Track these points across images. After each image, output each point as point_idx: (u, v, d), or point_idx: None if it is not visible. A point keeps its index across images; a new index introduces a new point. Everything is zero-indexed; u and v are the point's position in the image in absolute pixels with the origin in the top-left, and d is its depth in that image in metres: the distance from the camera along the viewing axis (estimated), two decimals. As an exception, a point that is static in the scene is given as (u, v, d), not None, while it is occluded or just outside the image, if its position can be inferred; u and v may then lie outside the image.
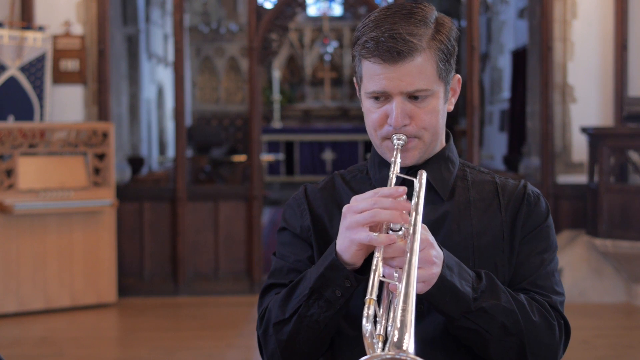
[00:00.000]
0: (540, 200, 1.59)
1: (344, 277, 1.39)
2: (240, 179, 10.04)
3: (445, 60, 1.49)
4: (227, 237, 6.83)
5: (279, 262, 1.60)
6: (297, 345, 1.47)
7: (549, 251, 1.57)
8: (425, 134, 1.51)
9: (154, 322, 6.05)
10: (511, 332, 1.44)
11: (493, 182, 1.60)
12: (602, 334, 5.63)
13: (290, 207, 1.66)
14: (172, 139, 8.63)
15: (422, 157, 1.55)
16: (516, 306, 1.45)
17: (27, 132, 6.18)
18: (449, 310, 1.41)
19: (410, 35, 1.44)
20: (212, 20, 15.52)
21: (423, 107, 1.49)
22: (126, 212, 6.71)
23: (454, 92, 1.57)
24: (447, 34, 1.50)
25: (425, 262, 1.34)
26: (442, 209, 1.55)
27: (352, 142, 13.86)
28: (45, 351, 5.27)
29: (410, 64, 1.45)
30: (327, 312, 1.42)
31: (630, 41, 6.75)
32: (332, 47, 15.92)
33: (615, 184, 6.38)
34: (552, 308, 1.52)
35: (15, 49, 6.31)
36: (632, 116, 6.73)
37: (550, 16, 6.80)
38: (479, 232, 1.54)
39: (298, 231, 1.61)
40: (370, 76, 1.48)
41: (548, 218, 1.58)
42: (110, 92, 6.85)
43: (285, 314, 1.48)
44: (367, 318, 1.23)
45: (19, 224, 6.09)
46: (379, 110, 1.50)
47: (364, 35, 1.47)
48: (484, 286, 1.43)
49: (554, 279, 1.56)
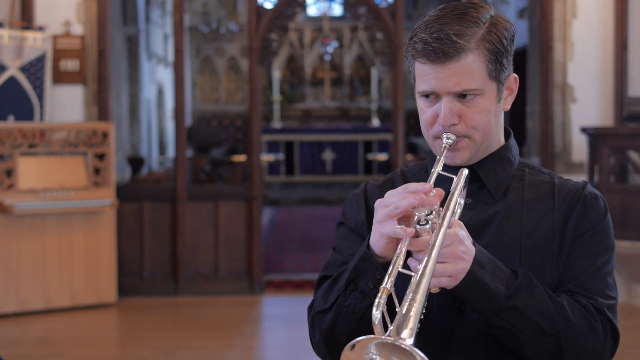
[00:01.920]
0: (597, 201, 1.56)
1: (375, 269, 1.42)
2: (240, 179, 10.04)
3: (496, 61, 1.49)
4: (227, 237, 6.83)
5: (334, 255, 1.63)
6: (336, 335, 1.50)
7: (602, 253, 1.53)
8: (475, 133, 1.52)
9: (154, 322, 6.05)
10: (547, 333, 1.43)
11: (551, 183, 1.59)
12: (602, 334, 5.63)
13: (349, 203, 1.69)
14: (172, 139, 8.64)
15: (475, 156, 1.55)
16: (553, 307, 1.44)
17: (27, 132, 6.18)
18: (480, 307, 1.41)
19: (457, 35, 1.45)
20: (212, 20, 15.52)
21: (472, 107, 1.49)
22: (126, 212, 6.71)
23: (510, 91, 1.57)
24: (499, 33, 1.50)
25: (451, 257, 1.35)
26: (493, 209, 1.55)
27: (352, 142, 13.86)
28: (45, 351, 5.27)
29: (457, 64, 1.46)
30: (362, 302, 1.44)
31: (630, 41, 6.76)
32: (332, 47, 15.91)
33: (615, 184, 6.39)
34: (597, 311, 1.48)
35: (15, 49, 6.31)
36: (632, 116, 6.73)
37: (550, 16, 6.80)
38: (528, 233, 1.53)
39: (354, 226, 1.64)
40: (420, 76, 1.51)
41: (604, 219, 1.55)
42: (110, 92, 6.85)
43: (327, 304, 1.52)
44: (377, 306, 1.26)
45: (19, 224, 6.09)
46: (430, 110, 1.52)
47: (415, 36, 1.50)
48: (519, 285, 1.42)
49: (605, 282, 1.52)
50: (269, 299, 6.75)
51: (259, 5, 7.04)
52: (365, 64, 15.95)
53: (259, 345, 5.79)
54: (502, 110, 1.57)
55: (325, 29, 15.79)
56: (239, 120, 15.42)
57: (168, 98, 12.74)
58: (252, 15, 6.88)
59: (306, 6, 10.49)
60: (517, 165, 1.62)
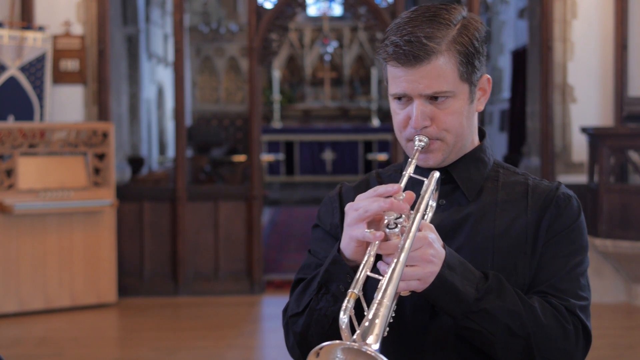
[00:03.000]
0: (571, 201, 1.56)
1: (346, 272, 1.42)
2: (240, 179, 10.04)
3: (467, 62, 1.49)
4: (227, 237, 6.83)
5: (309, 258, 1.63)
6: (309, 338, 1.50)
7: (575, 254, 1.54)
8: (448, 135, 1.51)
9: (154, 322, 6.05)
10: (517, 335, 1.43)
11: (525, 184, 1.59)
12: (602, 334, 5.63)
13: (324, 205, 1.69)
14: (172, 139, 8.64)
15: (448, 158, 1.55)
16: (524, 309, 1.43)
17: (27, 132, 6.18)
18: (450, 310, 1.41)
19: (428, 38, 1.45)
20: (212, 20, 15.52)
21: (444, 109, 1.49)
22: (126, 212, 6.71)
23: (483, 92, 1.57)
24: (471, 35, 1.50)
25: (421, 260, 1.35)
26: (466, 210, 1.55)
27: (352, 142, 13.86)
28: (45, 351, 5.27)
29: (428, 67, 1.46)
30: (334, 306, 1.44)
31: (630, 41, 6.75)
32: (332, 47, 15.92)
33: (615, 184, 6.38)
34: (569, 312, 1.48)
35: (15, 49, 6.31)
36: (632, 116, 6.73)
37: (550, 16, 6.80)
38: (501, 234, 1.53)
39: (328, 228, 1.64)
40: (392, 78, 1.51)
41: (578, 220, 1.55)
42: (110, 92, 6.85)
43: (299, 307, 1.52)
44: (344, 311, 1.25)
45: (19, 224, 6.09)
46: (402, 112, 1.52)
47: (387, 38, 1.50)
48: (489, 287, 1.42)
49: (577, 283, 1.53)
50: (269, 299, 6.75)
51: (259, 5, 7.04)
52: (365, 64, 15.95)
53: (259, 345, 5.79)
54: (475, 112, 1.57)
55: (325, 29, 15.79)
56: (239, 120, 15.42)
57: (168, 98, 12.74)
58: (252, 15, 6.88)
59: (306, 6, 10.49)
60: (491, 166, 1.61)
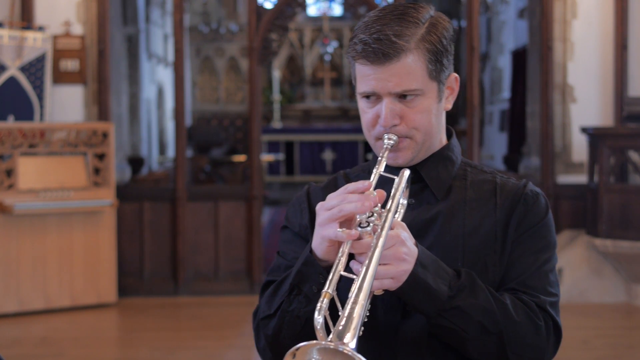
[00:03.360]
0: (538, 199, 1.57)
1: (318, 273, 1.41)
2: (240, 179, 10.04)
3: (436, 61, 1.49)
4: (227, 237, 6.83)
5: (278, 260, 1.62)
6: (281, 340, 1.49)
7: (544, 251, 1.54)
8: (417, 133, 1.52)
9: (154, 322, 6.05)
10: (490, 332, 1.43)
11: (493, 182, 1.59)
12: (602, 334, 5.63)
13: (292, 206, 1.68)
14: (172, 139, 8.64)
15: (417, 156, 1.55)
16: (496, 306, 1.44)
17: (27, 132, 6.18)
18: (424, 308, 1.41)
19: (397, 36, 1.45)
20: (212, 20, 15.52)
21: (413, 107, 1.49)
22: (126, 212, 6.71)
23: (451, 90, 1.57)
24: (439, 34, 1.50)
25: (394, 258, 1.35)
26: (435, 209, 1.55)
27: (352, 142, 13.86)
28: (45, 351, 5.27)
29: (397, 65, 1.46)
30: (307, 307, 1.43)
31: (630, 41, 6.75)
32: (332, 47, 15.92)
33: (615, 184, 6.38)
34: (539, 308, 1.49)
35: (15, 49, 6.31)
36: (632, 116, 6.73)
37: (550, 16, 6.80)
38: (471, 232, 1.53)
39: (297, 229, 1.63)
40: (361, 77, 1.51)
41: (546, 217, 1.56)
42: (110, 92, 6.85)
43: (271, 309, 1.51)
44: (319, 311, 1.24)
45: (19, 224, 6.09)
46: (371, 111, 1.52)
47: (355, 37, 1.50)
48: (461, 285, 1.43)
49: (547, 279, 1.53)
50: (269, 299, 6.74)
51: (259, 5, 7.04)
52: (365, 64, 15.93)
53: (259, 345, 5.78)
54: (443, 110, 1.57)
55: (325, 29, 15.79)
56: (239, 120, 15.41)
57: (168, 98, 12.74)
58: (252, 15, 6.88)
59: (306, 6, 10.49)
60: (459, 165, 1.62)
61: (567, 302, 6.29)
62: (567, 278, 6.39)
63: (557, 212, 6.79)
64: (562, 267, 6.39)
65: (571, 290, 6.35)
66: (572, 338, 5.39)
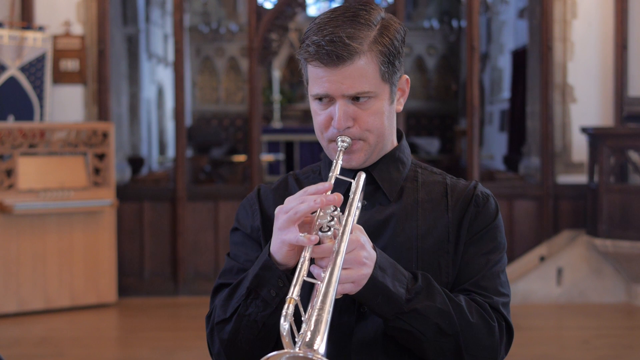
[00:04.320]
0: (489, 201, 1.58)
1: (277, 277, 1.40)
2: (240, 179, 10.04)
3: (388, 63, 1.49)
4: (227, 237, 6.82)
5: (230, 262, 1.61)
6: (238, 344, 1.48)
7: (495, 252, 1.56)
8: (370, 135, 1.52)
9: (154, 322, 6.05)
10: (446, 333, 1.44)
11: (443, 183, 1.61)
12: (602, 334, 5.63)
13: (242, 207, 1.66)
14: (172, 139, 8.64)
15: (369, 158, 1.55)
16: (452, 307, 1.45)
17: (27, 132, 6.18)
18: (382, 311, 1.41)
19: (350, 38, 1.45)
20: (212, 20, 15.52)
21: (366, 109, 1.49)
22: (126, 212, 6.71)
23: (402, 92, 1.58)
24: (391, 36, 1.50)
25: (354, 262, 1.34)
26: (388, 211, 1.56)
27: (352, 142, 13.84)
28: (45, 351, 5.27)
29: (350, 67, 1.45)
30: (264, 311, 1.43)
31: (630, 41, 6.76)
32: (332, 47, 15.92)
33: (615, 184, 6.39)
34: (492, 309, 1.50)
35: (15, 49, 6.31)
36: (632, 116, 6.73)
37: (550, 16, 6.81)
38: (424, 234, 1.54)
39: (249, 231, 1.62)
40: (314, 79, 1.50)
41: (496, 219, 1.58)
42: (110, 92, 6.86)
43: (226, 314, 1.49)
44: (285, 317, 1.24)
45: (19, 224, 6.09)
46: (324, 113, 1.52)
47: (308, 38, 1.49)
48: (419, 287, 1.43)
49: (498, 280, 1.54)
50: (269, 299, 6.74)
51: (259, 5, 7.04)
52: (365, 64, 15.94)
53: (259, 345, 5.79)
54: (394, 112, 1.57)
55: (325, 29, 15.76)
56: (239, 120, 15.41)
57: (168, 98, 12.74)
58: (252, 15, 6.88)
59: (306, 6, 10.49)
60: (410, 166, 1.63)
61: (567, 302, 6.29)
62: (567, 278, 6.39)
63: (557, 212, 6.80)
64: (562, 267, 6.40)
65: (571, 290, 6.35)
66: (572, 338, 5.39)
